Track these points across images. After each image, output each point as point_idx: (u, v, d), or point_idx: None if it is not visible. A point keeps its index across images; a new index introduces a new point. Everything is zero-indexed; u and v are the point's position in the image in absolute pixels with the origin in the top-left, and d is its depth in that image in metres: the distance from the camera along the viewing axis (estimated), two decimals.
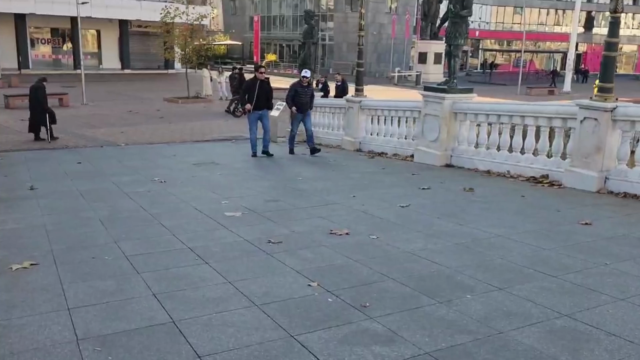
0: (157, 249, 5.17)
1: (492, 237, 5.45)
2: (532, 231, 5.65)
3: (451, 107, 9.90)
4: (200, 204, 7.02)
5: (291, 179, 8.99)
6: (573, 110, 7.95)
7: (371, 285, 4.21)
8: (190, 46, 27.54)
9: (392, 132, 11.78)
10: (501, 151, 9.26)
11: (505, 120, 9.15)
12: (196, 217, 6.40)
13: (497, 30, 59.79)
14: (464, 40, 10.04)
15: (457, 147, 10.02)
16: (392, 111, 11.83)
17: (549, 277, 4.35)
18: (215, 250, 5.10)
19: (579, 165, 7.81)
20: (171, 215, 6.49)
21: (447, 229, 5.77)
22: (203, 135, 16.53)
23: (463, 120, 9.91)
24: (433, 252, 5.00)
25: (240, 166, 10.44)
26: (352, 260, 4.81)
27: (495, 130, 9.39)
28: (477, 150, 9.66)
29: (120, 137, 15.68)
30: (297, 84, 11.89)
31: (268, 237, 5.49)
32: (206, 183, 8.62)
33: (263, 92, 11.41)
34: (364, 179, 8.95)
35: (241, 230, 5.78)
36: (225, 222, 6.12)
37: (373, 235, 5.55)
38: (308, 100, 11.89)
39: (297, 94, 11.77)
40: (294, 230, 5.79)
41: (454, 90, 9.99)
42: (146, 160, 11.36)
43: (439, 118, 10.01)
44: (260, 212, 6.58)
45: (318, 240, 5.42)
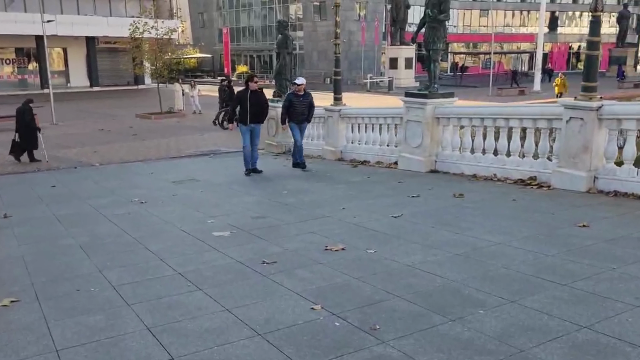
0: (146, 276, 4.91)
1: (491, 245, 5.32)
2: (531, 237, 5.54)
3: (433, 112, 9.81)
4: (186, 224, 6.77)
5: (276, 193, 8.77)
6: (558, 111, 7.91)
7: (377, 304, 4.02)
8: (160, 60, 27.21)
9: (374, 139, 11.65)
10: (487, 154, 9.19)
11: (489, 123, 9.08)
12: (183, 238, 6.15)
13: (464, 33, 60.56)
14: (443, 44, 9.96)
15: (441, 152, 9.92)
16: (372, 118, 11.70)
17: (559, 285, 4.21)
18: (207, 275, 4.86)
19: (567, 165, 7.76)
20: (156, 238, 6.23)
21: (444, 239, 5.62)
22: (179, 151, 16.25)
23: (446, 124, 9.83)
24: (434, 265, 4.83)
25: (221, 182, 10.19)
26: (352, 278, 4.61)
27: (480, 134, 9.32)
28: (462, 155, 9.57)
29: (93, 156, 15.28)
30: (292, 93, 11.08)
31: (261, 257, 5.27)
32: (189, 201, 8.38)
33: (256, 104, 10.45)
34: (350, 189, 8.78)
35: (232, 250, 5.56)
36: (214, 242, 5.89)
37: (370, 249, 5.37)
38: (304, 111, 11.00)
39: (292, 105, 10.93)
40: (286, 248, 5.58)
41: (436, 95, 9.90)
42: (123, 180, 11.06)
43: (421, 124, 9.91)
44: (248, 230, 6.35)
45: (314, 257, 5.21)
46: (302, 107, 10.96)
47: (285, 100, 11.15)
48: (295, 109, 10.95)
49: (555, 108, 8.13)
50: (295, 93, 11.01)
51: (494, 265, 4.74)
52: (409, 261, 4.96)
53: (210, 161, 13.97)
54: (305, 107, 10.99)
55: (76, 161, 14.52)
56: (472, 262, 4.86)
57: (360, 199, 7.90)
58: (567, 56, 66.14)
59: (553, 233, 5.64)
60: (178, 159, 14.72)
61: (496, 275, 4.51)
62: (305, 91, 11.04)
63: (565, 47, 65.95)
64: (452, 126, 9.78)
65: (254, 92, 10.42)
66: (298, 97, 10.97)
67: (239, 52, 62.83)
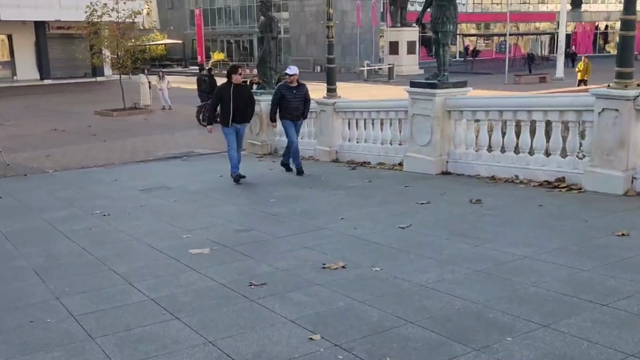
0: (112, 303, 4.85)
1: (516, 260, 5.29)
2: (562, 248, 5.52)
3: (444, 104, 9.81)
4: (157, 241, 6.73)
5: (262, 202, 8.74)
6: (589, 101, 7.92)
7: (387, 332, 3.98)
8: (122, 48, 27.11)
9: (375, 137, 11.64)
10: (507, 153, 9.19)
11: (508, 116, 9.09)
12: (155, 257, 6.10)
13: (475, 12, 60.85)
14: (454, 26, 9.97)
15: (453, 150, 9.92)
16: (372, 112, 11.69)
17: (598, 306, 4.19)
18: (185, 300, 4.80)
19: (600, 164, 7.77)
20: (123, 257, 6.18)
21: (462, 252, 5.59)
22: (147, 153, 16.20)
23: (459, 118, 9.83)
24: (452, 284, 4.80)
25: (198, 189, 10.14)
26: (356, 301, 4.57)
27: (498, 129, 9.32)
28: (478, 154, 9.57)
29: (46, 162, 15.18)
30: (283, 85, 10.88)
31: (248, 278, 5.22)
32: (160, 213, 8.34)
33: (241, 100, 10.09)
34: (349, 195, 8.76)
35: (213, 271, 5.51)
36: (191, 261, 5.84)
37: (375, 266, 5.34)
38: (299, 106, 10.79)
39: (284, 99, 10.71)
40: (277, 266, 5.54)
41: (446, 84, 9.90)
42: (82, 189, 11.00)
43: (430, 118, 9.90)
44: (232, 247, 6.31)
45: (309, 277, 5.17)
46: (297, 101, 10.76)
47: (276, 93, 10.92)
48: (289, 103, 10.73)
49: (585, 98, 8.15)
50: (287, 85, 10.80)
51: (521, 284, 4.71)
52: (422, 280, 4.92)
53: (184, 165, 13.93)
54: (300, 101, 10.80)
55: (26, 167, 14.39)
56: (496, 280, 4.83)
57: (361, 207, 7.88)
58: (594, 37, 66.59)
59: (587, 244, 5.63)
60: (146, 162, 14.66)
61: (524, 295, 4.48)
62: (298, 82, 10.87)
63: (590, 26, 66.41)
64: (466, 120, 9.78)
65: (237, 86, 10.11)
66: (291, 89, 10.76)
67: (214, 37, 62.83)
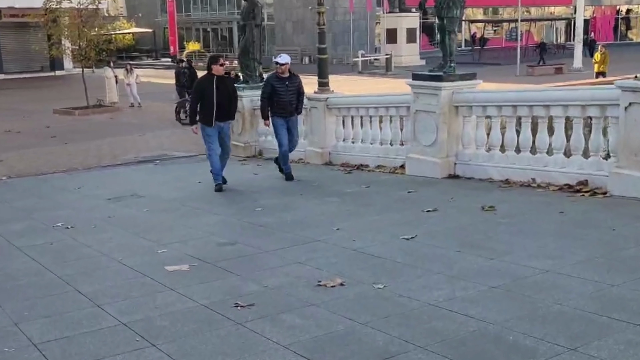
0: (79, 329, 4.81)
1: (537, 274, 5.30)
2: (588, 260, 5.53)
3: (450, 99, 9.82)
4: (129, 256, 6.70)
5: (247, 211, 8.73)
6: (614, 95, 7.95)
7: (394, 359, 3.95)
8: (85, 38, 27.03)
9: (373, 136, 11.63)
10: (522, 153, 9.21)
11: (524, 112, 9.10)
12: (126, 276, 6.07)
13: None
14: (460, 11, 10.00)
15: (462, 151, 9.93)
16: (370, 109, 11.68)
17: (632, 325, 4.19)
18: (162, 325, 4.78)
19: (628, 165, 7.79)
20: (90, 276, 6.15)
21: (475, 266, 5.59)
22: (114, 157, 16.15)
23: (467, 115, 9.84)
24: (465, 302, 4.79)
25: (173, 197, 10.11)
26: (358, 323, 4.55)
27: (512, 126, 9.34)
28: (490, 154, 9.59)
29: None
30: (273, 76, 10.67)
31: (233, 298, 5.20)
32: (131, 225, 8.32)
33: (224, 94, 9.95)
34: (345, 203, 8.76)
35: (193, 290, 5.48)
36: (168, 280, 5.81)
37: (378, 283, 5.32)
38: (292, 99, 10.61)
39: (275, 92, 10.51)
40: (266, 285, 5.52)
41: (453, 76, 9.91)
42: (41, 198, 10.95)
43: (435, 115, 9.90)
44: (214, 262, 6.30)
45: (304, 296, 5.15)
46: (290, 94, 10.59)
47: (265, 86, 10.71)
48: (281, 97, 10.54)
49: (609, 91, 8.18)
50: (277, 75, 10.61)
51: (543, 301, 4.71)
52: (432, 298, 4.91)
53: (156, 170, 13.89)
54: (293, 94, 10.63)
55: None
56: (515, 298, 4.82)
57: (359, 216, 7.88)
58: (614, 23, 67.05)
59: (616, 255, 5.65)
60: (113, 167, 14.58)
61: (548, 315, 4.47)
62: (291, 72, 10.69)
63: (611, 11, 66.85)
64: (476, 117, 9.80)
65: (220, 78, 10.01)
66: (282, 80, 10.58)
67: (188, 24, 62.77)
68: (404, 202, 8.59)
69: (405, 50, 44.36)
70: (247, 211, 8.69)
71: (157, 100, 29.27)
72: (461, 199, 8.37)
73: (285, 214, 8.25)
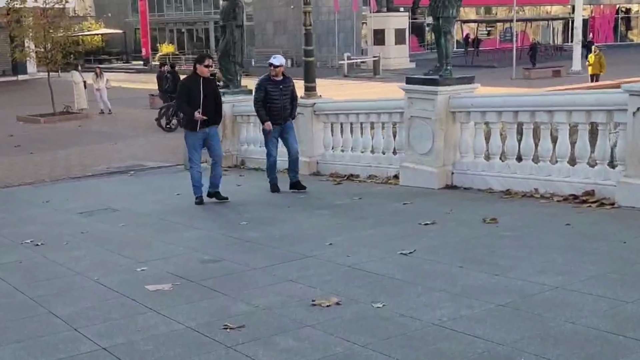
0: (54, 354, 4.76)
1: (546, 291, 5.31)
2: (599, 276, 5.55)
3: (447, 104, 9.88)
4: (106, 275, 6.65)
5: (231, 225, 8.72)
6: (621, 99, 8.03)
7: None
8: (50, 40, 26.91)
9: (364, 144, 11.67)
10: (524, 162, 9.27)
11: (525, 117, 9.17)
12: (104, 296, 6.02)
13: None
14: (457, 10, 10.09)
15: (460, 160, 9.98)
16: (361, 115, 11.72)
17: None
18: (146, 349, 4.73)
19: (636, 174, 7.86)
20: (64, 297, 6.10)
21: (479, 283, 5.60)
22: (84, 168, 16.11)
23: (465, 121, 9.89)
24: (471, 322, 4.79)
25: (150, 211, 10.07)
26: (357, 345, 4.54)
27: (513, 133, 9.40)
28: (490, 163, 9.65)
29: None
30: (266, 79, 10.50)
31: (222, 319, 5.17)
32: (106, 241, 8.27)
33: (210, 96, 9.89)
34: (336, 216, 8.77)
35: (178, 311, 5.44)
36: (150, 300, 5.77)
37: (376, 302, 5.31)
38: (286, 104, 10.48)
39: (269, 96, 10.37)
40: (257, 304, 5.49)
41: (450, 80, 9.98)
42: (7, 212, 10.86)
43: (431, 121, 9.95)
44: (198, 281, 6.26)
45: (297, 317, 5.13)
46: (284, 98, 10.46)
47: (259, 90, 10.49)
48: (274, 102, 10.38)
49: (616, 95, 8.26)
50: (271, 78, 10.47)
51: (555, 320, 4.72)
52: (435, 318, 4.91)
53: (131, 182, 13.84)
54: (287, 98, 10.49)
55: None
56: (524, 316, 4.83)
57: (352, 230, 7.88)
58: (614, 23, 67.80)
59: (629, 270, 5.68)
60: (84, 179, 14.54)
61: (560, 334, 4.48)
62: (284, 75, 10.60)
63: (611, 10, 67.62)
64: (474, 123, 9.86)
65: (206, 80, 9.94)
66: (276, 84, 10.42)
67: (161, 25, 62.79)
68: (399, 214, 8.61)
69: (393, 53, 44.64)
70: (231, 225, 8.67)
71: (129, 106, 29.22)
72: (460, 210, 8.40)
73: (273, 228, 8.23)
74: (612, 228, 7.06)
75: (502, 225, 7.50)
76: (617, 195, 8.02)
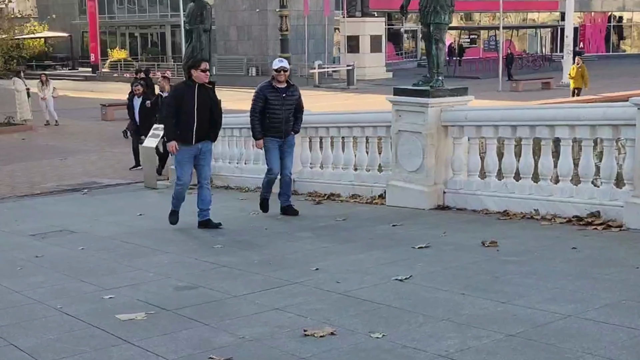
0: None
1: (558, 320, 5.37)
2: (614, 304, 5.63)
3: (439, 117, 9.99)
4: (70, 304, 6.58)
5: (204, 248, 8.71)
6: (629, 113, 8.19)
7: None
8: None
9: (346, 161, 11.74)
10: (522, 180, 9.40)
11: (524, 132, 9.29)
12: (70, 327, 5.95)
13: None
14: (449, 17, 10.21)
15: (452, 178, 10.09)
16: (342, 129, 11.80)
17: None
18: None
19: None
20: (25, 328, 6.00)
21: (486, 312, 5.64)
22: (32, 186, 16.01)
23: (458, 136, 10.01)
24: (481, 353, 4.82)
25: (112, 233, 10.02)
26: None
27: (511, 150, 9.53)
28: (485, 182, 9.76)
29: None
30: (267, 86, 10.03)
31: (205, 351, 5.14)
32: (65, 266, 8.23)
33: (205, 107, 9.44)
34: (320, 239, 8.81)
35: (155, 343, 5.39)
36: (122, 331, 5.70)
37: (375, 332, 5.32)
38: (289, 116, 10.04)
39: (269, 106, 9.93)
40: (242, 335, 5.47)
41: (441, 91, 10.10)
42: None
43: (421, 136, 10.05)
44: (174, 310, 6.21)
45: (289, 349, 5.12)
46: (287, 109, 10.01)
47: (257, 99, 10.01)
48: (275, 113, 9.93)
49: (623, 109, 8.43)
50: (273, 85, 9.99)
51: (571, 351, 4.77)
52: (441, 349, 4.93)
53: (86, 201, 13.76)
54: (290, 109, 10.05)
55: None
56: (538, 347, 4.87)
57: (339, 254, 7.92)
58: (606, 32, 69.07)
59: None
60: (32, 198, 14.47)
61: None
62: (289, 82, 10.17)
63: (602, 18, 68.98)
64: (468, 138, 9.97)
65: (202, 87, 9.47)
66: (278, 92, 9.95)
67: (112, 28, 62.54)
68: (389, 237, 8.65)
69: (369, 61, 45.02)
70: (205, 249, 8.64)
71: (77, 118, 29.06)
72: (456, 233, 8.48)
73: (251, 253, 8.23)
74: (622, 253, 7.16)
75: (503, 249, 7.58)
76: (625, 217, 8.16)
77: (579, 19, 62.75)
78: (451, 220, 9.29)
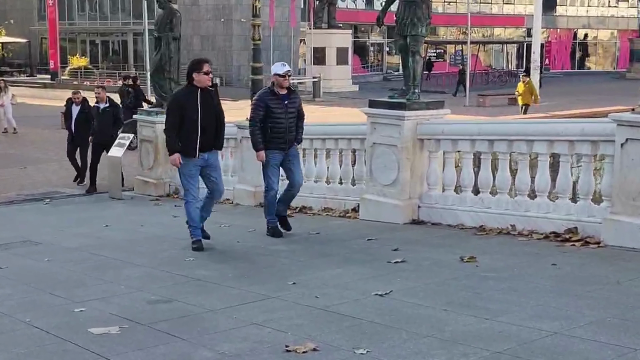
0: None
1: (545, 337, 5.38)
2: (599, 321, 5.65)
3: (415, 130, 9.99)
4: (39, 317, 6.46)
5: (176, 261, 8.60)
6: (608, 129, 8.26)
7: None
8: None
9: (319, 173, 11.72)
10: (499, 195, 9.43)
11: (501, 147, 9.33)
12: (41, 341, 5.83)
13: None
14: (426, 29, 10.25)
15: (427, 192, 10.10)
16: (315, 141, 11.78)
17: None
18: None
19: (624, 211, 8.06)
20: None
21: (470, 328, 5.63)
22: None
23: (434, 150, 10.03)
24: None
25: (78, 244, 9.90)
26: None
27: (487, 164, 9.57)
28: (461, 197, 9.78)
29: None
30: (267, 93, 9.52)
31: None
32: (31, 278, 8.09)
33: (210, 113, 8.88)
34: (295, 253, 8.77)
35: (130, 358, 5.32)
36: (96, 346, 5.61)
37: (359, 348, 5.28)
38: (291, 125, 9.51)
39: (271, 115, 9.38)
40: (222, 351, 5.40)
41: (418, 104, 10.12)
42: None
43: (396, 149, 10.04)
44: (149, 324, 6.13)
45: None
46: (289, 117, 9.50)
47: (257, 107, 9.46)
48: (277, 122, 9.38)
49: (603, 125, 8.50)
50: (273, 91, 9.47)
51: None
52: None
53: (48, 211, 13.58)
54: (293, 117, 9.56)
55: None
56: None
57: (316, 269, 7.89)
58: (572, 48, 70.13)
59: (629, 315, 5.79)
60: None
61: None
62: (289, 89, 9.68)
63: (567, 35, 70.05)
64: (444, 152, 9.99)
65: (205, 92, 8.88)
66: (279, 99, 9.43)
67: (72, 35, 61.94)
68: (364, 252, 8.62)
69: (335, 74, 45.09)
70: (176, 262, 8.53)
71: (36, 125, 28.68)
72: (431, 249, 8.49)
73: (225, 266, 8.17)
74: (602, 270, 7.20)
75: (483, 265, 7.58)
76: (603, 233, 8.20)
77: (544, 35, 63.68)
78: (426, 235, 9.30)
